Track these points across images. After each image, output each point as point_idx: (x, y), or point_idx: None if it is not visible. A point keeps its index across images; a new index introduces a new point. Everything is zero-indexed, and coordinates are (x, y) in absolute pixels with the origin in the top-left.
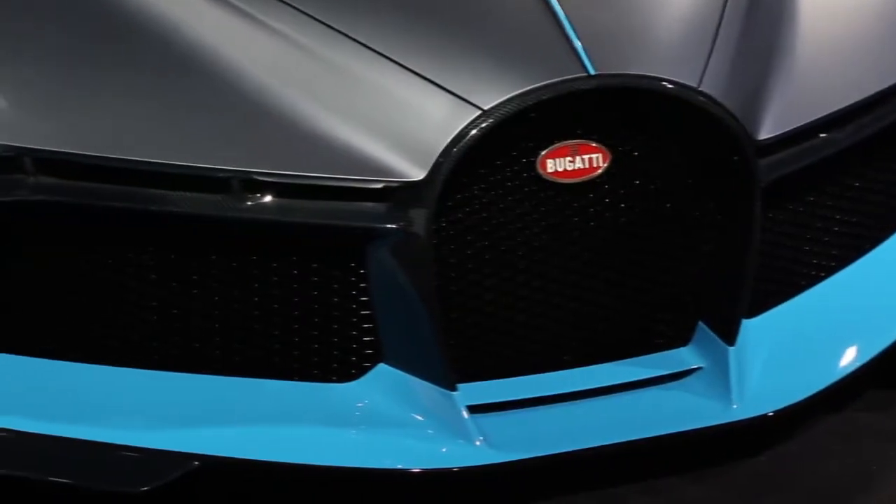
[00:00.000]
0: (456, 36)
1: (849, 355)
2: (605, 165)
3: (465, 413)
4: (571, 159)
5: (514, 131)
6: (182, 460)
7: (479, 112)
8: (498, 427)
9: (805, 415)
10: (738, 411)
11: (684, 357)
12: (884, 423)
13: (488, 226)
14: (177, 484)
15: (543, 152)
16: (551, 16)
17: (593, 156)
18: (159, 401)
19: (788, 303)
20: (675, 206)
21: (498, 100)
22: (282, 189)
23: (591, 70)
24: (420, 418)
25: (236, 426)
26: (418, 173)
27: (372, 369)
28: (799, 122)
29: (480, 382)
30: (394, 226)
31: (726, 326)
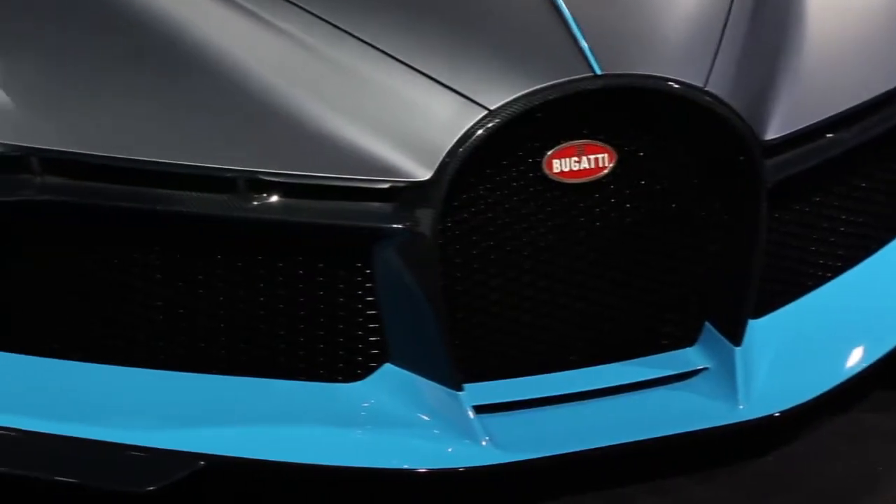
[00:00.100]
0: (462, 36)
1: (855, 356)
2: (611, 165)
3: (471, 413)
4: (577, 159)
5: (521, 131)
6: (188, 460)
7: (485, 112)
8: (504, 427)
9: (811, 415)
10: (745, 412)
11: (690, 357)
12: (890, 424)
13: (494, 226)
14: (183, 484)
15: (549, 152)
16: (557, 16)
17: (599, 156)
18: (165, 400)
19: (795, 303)
20: (681, 206)
21: (504, 100)
22: (288, 189)
23: (597, 70)
24: (426, 418)
25: (242, 426)
26: (424, 173)
27: (378, 369)
28: (805, 123)
29: (486, 382)
30: (400, 226)
31: (732, 327)
